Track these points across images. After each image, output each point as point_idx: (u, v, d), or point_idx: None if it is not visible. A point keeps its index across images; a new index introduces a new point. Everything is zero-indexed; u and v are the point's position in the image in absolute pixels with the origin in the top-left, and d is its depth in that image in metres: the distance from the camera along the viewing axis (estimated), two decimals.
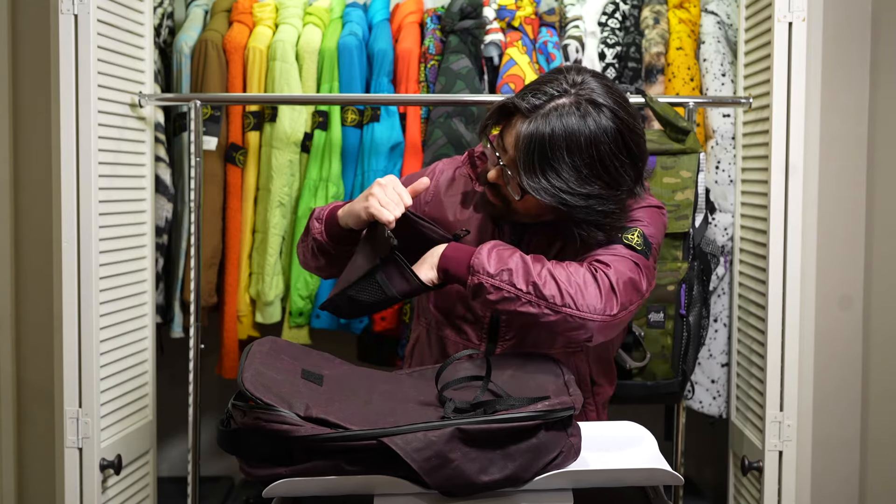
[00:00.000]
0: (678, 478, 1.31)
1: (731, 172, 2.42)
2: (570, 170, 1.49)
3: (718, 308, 2.45)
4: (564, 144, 1.48)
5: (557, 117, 1.48)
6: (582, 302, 1.47)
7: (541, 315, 1.48)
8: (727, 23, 2.47)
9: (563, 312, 1.47)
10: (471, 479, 1.24)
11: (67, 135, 2.04)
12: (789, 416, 2.14)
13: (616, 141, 1.50)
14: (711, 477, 2.78)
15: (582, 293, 1.47)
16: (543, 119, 1.49)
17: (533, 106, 1.50)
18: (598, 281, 1.49)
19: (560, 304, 1.47)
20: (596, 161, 1.49)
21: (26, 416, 2.47)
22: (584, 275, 1.49)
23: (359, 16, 2.55)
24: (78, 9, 2.02)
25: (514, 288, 1.47)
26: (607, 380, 1.80)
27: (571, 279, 1.48)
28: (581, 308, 1.47)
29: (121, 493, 2.22)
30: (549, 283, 1.47)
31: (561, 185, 1.49)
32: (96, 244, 2.06)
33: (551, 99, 1.50)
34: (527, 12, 2.52)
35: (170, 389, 2.57)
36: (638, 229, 1.58)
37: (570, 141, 1.48)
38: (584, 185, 1.50)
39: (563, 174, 1.49)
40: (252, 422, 1.27)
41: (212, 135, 2.45)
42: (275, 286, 2.50)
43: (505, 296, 1.48)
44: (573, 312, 1.47)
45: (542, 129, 1.49)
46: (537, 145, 1.49)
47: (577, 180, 1.49)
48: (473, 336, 1.68)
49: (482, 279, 1.48)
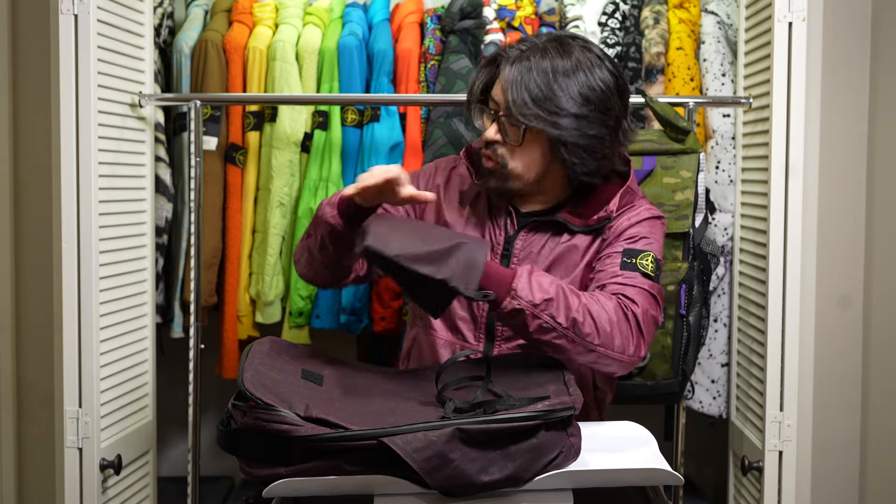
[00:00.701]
0: (678, 478, 1.31)
1: (731, 172, 2.42)
2: (560, 91, 1.56)
3: (718, 308, 2.45)
4: (550, 70, 1.57)
5: (541, 53, 1.59)
6: (616, 343, 1.51)
7: (573, 350, 1.50)
8: (727, 23, 2.47)
9: (598, 351, 1.50)
10: (471, 479, 1.24)
11: (67, 135, 2.03)
12: (789, 416, 2.13)
13: (600, 66, 1.60)
14: (711, 477, 2.78)
15: (616, 333, 1.51)
16: (528, 58, 1.59)
17: (518, 51, 1.60)
18: (629, 321, 1.52)
19: (596, 343, 1.50)
20: (584, 84, 1.57)
21: (26, 416, 2.47)
22: (616, 312, 1.52)
23: (359, 16, 2.55)
24: (78, 9, 2.02)
25: (554, 321, 1.48)
26: (609, 386, 1.80)
27: (606, 317, 1.50)
28: (615, 349, 1.51)
29: (121, 493, 2.22)
30: (588, 320, 1.49)
31: (552, 108, 1.55)
32: (96, 244, 2.06)
33: (531, 45, 1.61)
34: (527, 12, 2.52)
35: (170, 389, 2.57)
36: (651, 254, 1.62)
37: (555, 68, 1.57)
38: (574, 105, 1.57)
39: (554, 98, 1.56)
40: (252, 422, 1.27)
41: (212, 135, 2.45)
42: (275, 286, 2.50)
43: (542, 325, 1.48)
44: (607, 353, 1.51)
45: (527, 63, 1.58)
46: (526, 77, 1.56)
47: (566, 101, 1.56)
48: (471, 337, 1.68)
49: (524, 306, 1.47)
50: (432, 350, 1.72)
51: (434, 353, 1.72)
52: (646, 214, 1.68)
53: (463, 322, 1.68)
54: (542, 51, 1.60)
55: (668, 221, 2.08)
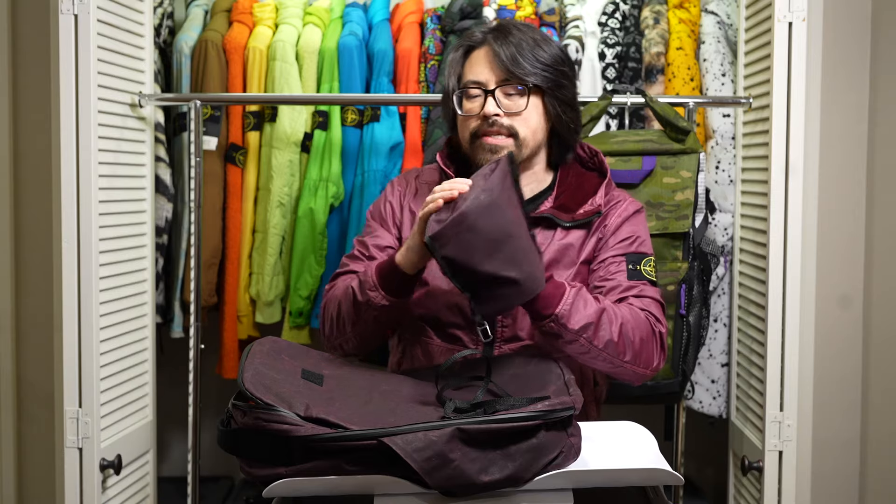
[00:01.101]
0: (678, 478, 1.31)
1: (731, 172, 2.42)
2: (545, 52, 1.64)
3: (718, 308, 2.45)
4: (531, 38, 1.64)
5: (512, 28, 1.66)
6: (643, 358, 1.56)
7: (602, 365, 1.54)
8: (727, 23, 2.47)
9: (625, 367, 1.55)
10: (471, 479, 1.24)
11: (67, 135, 2.03)
12: (789, 416, 2.13)
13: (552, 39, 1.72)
14: (711, 477, 2.78)
15: (643, 350, 1.56)
16: (506, 33, 1.65)
17: (486, 33, 1.67)
18: (656, 338, 1.59)
19: (626, 360, 1.54)
20: (557, 48, 1.68)
21: (26, 416, 2.47)
22: (646, 329, 1.57)
23: (359, 16, 2.55)
24: (78, 9, 2.02)
25: (591, 344, 1.51)
26: (607, 382, 1.81)
27: (639, 336, 1.55)
28: (641, 364, 1.57)
29: (121, 493, 2.22)
30: (622, 340, 1.53)
31: (546, 65, 1.63)
32: (96, 244, 2.06)
33: (495, 27, 1.69)
34: (527, 12, 2.52)
35: (170, 389, 2.57)
36: (652, 259, 1.67)
37: (534, 38, 1.65)
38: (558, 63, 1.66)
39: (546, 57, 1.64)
40: (252, 422, 1.27)
41: (212, 135, 2.45)
42: (275, 286, 2.50)
43: (580, 349, 1.51)
44: (634, 369, 1.56)
45: (510, 38, 1.63)
46: (516, 46, 1.62)
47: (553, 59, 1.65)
48: (468, 342, 1.66)
49: (563, 332, 1.49)
50: (425, 360, 1.69)
51: (432, 363, 1.68)
52: (632, 209, 1.72)
53: (458, 329, 1.67)
54: (508, 27, 1.67)
55: (668, 221, 2.09)
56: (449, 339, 1.67)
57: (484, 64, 1.64)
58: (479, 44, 1.67)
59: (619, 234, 1.68)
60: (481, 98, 1.64)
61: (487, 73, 1.64)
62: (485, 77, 1.64)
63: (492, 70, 1.63)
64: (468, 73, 1.67)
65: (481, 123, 1.64)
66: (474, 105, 1.65)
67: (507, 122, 1.63)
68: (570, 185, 1.73)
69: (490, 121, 1.62)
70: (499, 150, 1.63)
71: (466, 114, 1.66)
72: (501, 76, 1.63)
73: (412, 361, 1.71)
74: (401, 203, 1.76)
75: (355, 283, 1.59)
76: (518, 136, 1.64)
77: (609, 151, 2.14)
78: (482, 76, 1.64)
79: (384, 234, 1.74)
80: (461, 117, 1.67)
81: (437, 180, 1.72)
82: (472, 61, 1.67)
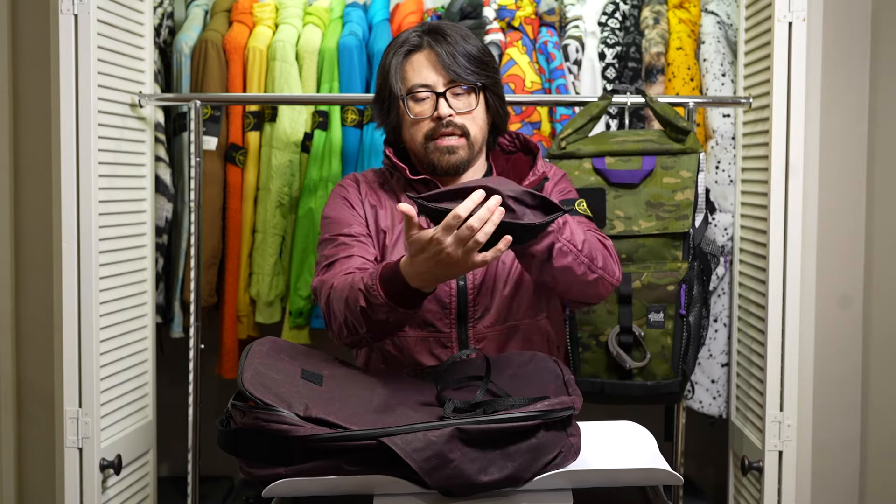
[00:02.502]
0: (678, 478, 1.31)
1: (731, 172, 2.42)
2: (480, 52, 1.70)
3: (718, 308, 2.45)
4: (463, 38, 1.68)
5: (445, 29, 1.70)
6: (609, 266, 1.61)
7: (584, 274, 1.56)
8: (727, 23, 2.47)
9: (598, 274, 1.58)
10: (470, 479, 1.24)
11: (67, 135, 2.03)
12: (789, 416, 2.13)
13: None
14: (711, 477, 2.78)
15: (607, 259, 1.61)
16: (442, 36, 1.68)
17: (423, 36, 1.69)
18: (608, 248, 1.64)
19: (598, 265, 1.58)
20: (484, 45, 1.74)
21: (26, 416, 2.47)
22: (597, 241, 1.62)
23: (359, 16, 2.55)
24: (78, 9, 2.02)
25: (571, 244, 1.53)
26: (560, 336, 1.87)
27: (598, 245, 1.60)
28: (610, 273, 1.61)
29: (121, 493, 2.22)
30: (587, 245, 1.56)
31: (485, 65, 1.69)
32: (96, 244, 2.06)
33: (426, 28, 1.71)
34: (527, 12, 2.52)
35: (170, 389, 2.57)
36: (582, 201, 1.74)
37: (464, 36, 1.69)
38: (491, 61, 1.72)
39: (482, 57, 1.69)
40: (252, 422, 1.27)
41: (212, 135, 2.45)
42: (275, 286, 2.50)
43: (562, 248, 1.52)
44: (604, 275, 1.59)
45: (449, 39, 1.67)
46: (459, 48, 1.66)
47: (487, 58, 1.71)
48: (442, 325, 1.67)
49: (553, 229, 1.50)
50: (402, 351, 1.68)
51: (405, 354, 1.68)
52: (560, 174, 1.83)
53: (431, 313, 1.67)
54: (440, 28, 1.71)
55: (668, 221, 2.09)
56: (422, 325, 1.67)
57: (427, 67, 1.67)
58: (417, 47, 1.69)
59: (555, 190, 1.78)
60: (431, 100, 1.67)
61: (433, 75, 1.67)
62: (432, 80, 1.67)
63: (438, 72, 1.67)
64: (412, 77, 1.68)
65: (435, 126, 1.67)
66: (424, 108, 1.68)
67: (460, 121, 1.67)
68: (503, 167, 1.81)
69: (444, 122, 1.66)
70: (455, 151, 1.67)
71: (417, 117, 1.68)
72: (448, 77, 1.66)
73: (382, 357, 1.70)
74: (360, 200, 1.77)
75: (361, 297, 1.49)
76: (469, 136, 1.69)
77: (609, 151, 2.14)
78: (429, 79, 1.67)
79: (355, 223, 1.74)
80: (411, 120, 1.69)
81: (385, 180, 1.78)
82: (413, 65, 1.69)
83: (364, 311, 1.49)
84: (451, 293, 1.67)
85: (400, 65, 1.70)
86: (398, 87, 1.70)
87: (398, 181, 1.76)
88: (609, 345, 2.05)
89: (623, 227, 2.10)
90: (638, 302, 2.07)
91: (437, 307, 1.67)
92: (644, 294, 2.07)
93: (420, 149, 1.70)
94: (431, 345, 1.67)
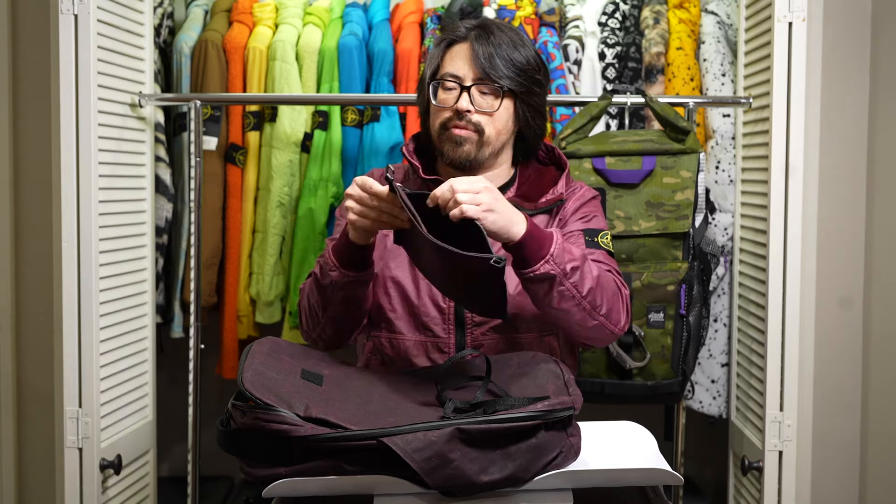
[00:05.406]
0: (678, 478, 1.31)
1: (731, 172, 2.42)
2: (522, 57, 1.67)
3: (718, 308, 2.45)
4: (510, 41, 1.67)
5: (494, 28, 1.69)
6: (613, 316, 1.57)
7: (580, 320, 1.54)
8: (727, 23, 2.47)
9: (599, 322, 1.55)
10: (471, 479, 1.24)
11: (67, 135, 2.04)
12: (789, 416, 2.14)
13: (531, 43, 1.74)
14: (711, 477, 2.78)
15: (615, 307, 1.57)
16: (488, 33, 1.67)
17: (470, 29, 1.69)
18: (622, 297, 1.59)
19: (601, 314, 1.55)
20: (534, 53, 1.71)
21: (26, 417, 2.47)
22: (614, 284, 1.58)
23: (359, 16, 2.55)
24: (78, 9, 2.02)
25: (576, 290, 1.50)
26: (572, 359, 1.81)
27: (611, 290, 1.56)
28: (612, 321, 1.56)
29: (121, 493, 2.22)
30: (599, 292, 1.53)
31: (522, 71, 1.66)
32: (96, 244, 2.06)
33: (478, 24, 1.71)
34: (527, 12, 2.52)
35: (170, 389, 2.57)
36: (607, 233, 1.70)
37: (513, 40, 1.68)
38: (532, 70, 1.68)
39: (522, 63, 1.67)
40: (252, 422, 1.27)
41: (212, 135, 2.45)
42: (275, 286, 2.50)
43: (565, 293, 1.50)
44: (605, 324, 1.56)
45: (492, 38, 1.66)
46: (497, 47, 1.65)
47: (529, 66, 1.68)
48: (439, 330, 1.67)
49: (556, 273, 1.48)
50: (399, 355, 1.69)
51: (402, 358, 1.68)
52: (589, 195, 1.76)
53: (428, 317, 1.67)
54: (491, 27, 1.69)
55: (668, 221, 2.09)
56: (421, 329, 1.67)
57: (463, 59, 1.68)
58: (462, 39, 1.69)
59: (578, 213, 1.73)
60: (456, 92, 1.67)
61: (466, 68, 1.67)
62: (462, 72, 1.67)
63: (470, 66, 1.67)
64: (447, 66, 1.69)
65: (452, 116, 1.67)
66: (449, 97, 1.68)
67: (476, 118, 1.66)
68: (530, 178, 1.78)
69: (461, 115, 1.66)
70: (462, 143, 1.67)
71: (440, 104, 1.69)
72: (478, 74, 1.66)
73: (381, 360, 1.71)
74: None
75: (317, 269, 1.62)
76: (483, 134, 1.67)
77: (609, 151, 2.14)
78: (460, 71, 1.67)
79: None
80: (434, 107, 1.70)
81: (406, 176, 1.77)
82: (452, 55, 1.70)
83: (316, 279, 1.60)
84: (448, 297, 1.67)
85: (440, 51, 1.72)
86: (430, 72, 1.72)
87: (414, 179, 1.76)
88: (609, 345, 2.05)
89: (623, 227, 2.10)
90: (638, 302, 2.07)
91: (434, 311, 1.67)
92: (644, 294, 2.08)
93: (436, 136, 1.71)
94: (429, 349, 1.67)
